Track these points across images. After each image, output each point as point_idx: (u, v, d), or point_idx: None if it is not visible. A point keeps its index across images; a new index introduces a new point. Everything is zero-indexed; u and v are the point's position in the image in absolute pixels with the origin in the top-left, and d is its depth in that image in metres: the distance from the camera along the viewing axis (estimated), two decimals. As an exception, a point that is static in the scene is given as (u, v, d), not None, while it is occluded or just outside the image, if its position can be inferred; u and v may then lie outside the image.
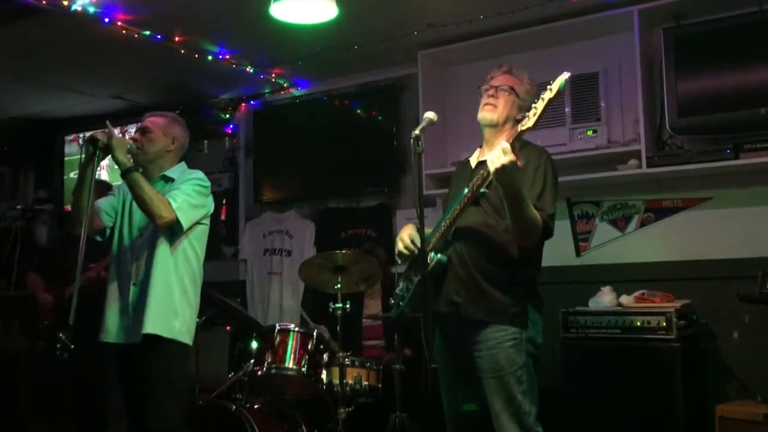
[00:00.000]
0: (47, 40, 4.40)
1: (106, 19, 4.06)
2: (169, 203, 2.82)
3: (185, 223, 2.87)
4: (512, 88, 2.70)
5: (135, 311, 2.87)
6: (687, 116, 3.76)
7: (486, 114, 2.71)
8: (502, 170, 2.33)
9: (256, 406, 3.71)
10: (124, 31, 4.20)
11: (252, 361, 3.72)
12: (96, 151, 2.78)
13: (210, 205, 3.06)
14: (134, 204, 2.93)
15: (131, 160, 2.85)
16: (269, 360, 3.68)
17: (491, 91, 2.72)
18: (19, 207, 6.49)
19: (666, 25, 3.91)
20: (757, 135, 3.58)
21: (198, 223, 3.00)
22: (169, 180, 3.03)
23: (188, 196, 2.91)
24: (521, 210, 2.45)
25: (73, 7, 3.89)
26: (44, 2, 3.81)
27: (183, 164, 3.14)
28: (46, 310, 4.29)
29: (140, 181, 2.80)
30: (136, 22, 4.17)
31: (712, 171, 3.77)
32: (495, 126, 2.72)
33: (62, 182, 6.55)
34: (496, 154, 2.33)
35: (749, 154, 3.58)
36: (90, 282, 3.86)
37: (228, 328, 4.67)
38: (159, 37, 4.34)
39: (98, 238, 3.04)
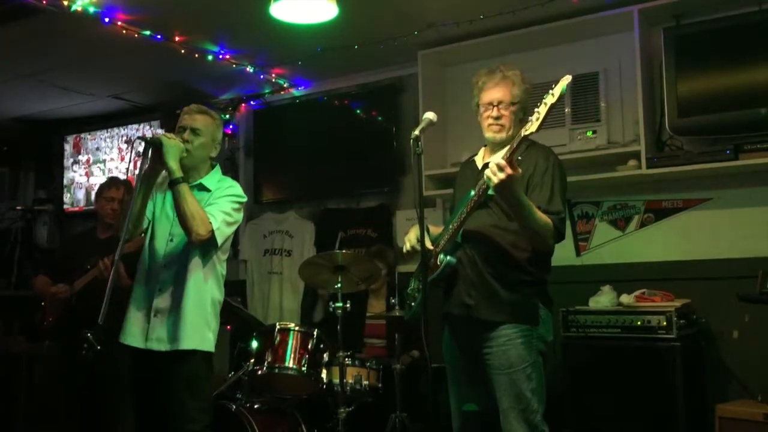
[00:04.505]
0: (47, 40, 4.40)
1: (106, 19, 4.06)
2: (209, 221, 2.77)
3: (221, 242, 2.85)
4: (513, 102, 2.69)
5: (165, 319, 2.82)
6: (687, 117, 3.75)
7: (495, 135, 2.71)
8: (501, 186, 2.37)
9: (256, 406, 3.71)
10: (124, 31, 4.20)
11: (252, 360, 3.72)
12: (148, 148, 2.71)
13: (241, 218, 3.01)
14: (165, 210, 2.90)
15: (181, 169, 2.76)
16: (269, 359, 3.67)
17: (494, 111, 2.70)
18: (19, 207, 6.49)
19: (666, 25, 3.91)
20: (757, 135, 3.58)
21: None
22: (204, 189, 2.95)
23: (227, 215, 2.86)
24: (527, 216, 2.48)
25: (73, 7, 3.89)
26: (44, 2, 3.81)
27: (218, 170, 3.06)
28: (53, 308, 4.22)
29: (187, 195, 2.73)
30: (136, 22, 4.17)
31: (712, 171, 3.76)
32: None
33: (62, 182, 6.57)
34: (492, 171, 2.36)
35: (749, 155, 3.58)
36: (101, 276, 3.78)
37: (228, 327, 4.66)
38: (159, 37, 4.34)
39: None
